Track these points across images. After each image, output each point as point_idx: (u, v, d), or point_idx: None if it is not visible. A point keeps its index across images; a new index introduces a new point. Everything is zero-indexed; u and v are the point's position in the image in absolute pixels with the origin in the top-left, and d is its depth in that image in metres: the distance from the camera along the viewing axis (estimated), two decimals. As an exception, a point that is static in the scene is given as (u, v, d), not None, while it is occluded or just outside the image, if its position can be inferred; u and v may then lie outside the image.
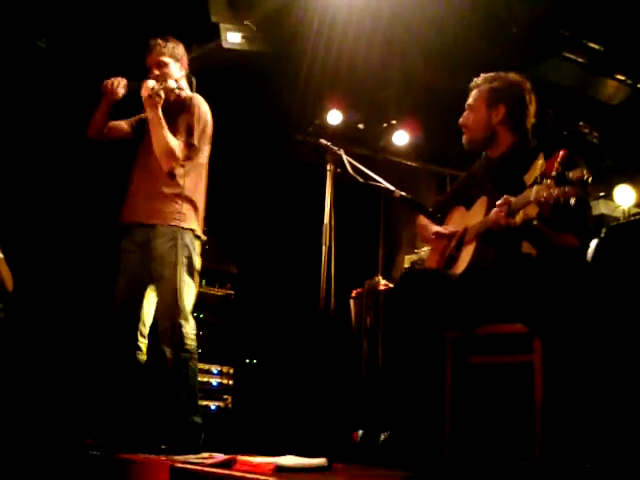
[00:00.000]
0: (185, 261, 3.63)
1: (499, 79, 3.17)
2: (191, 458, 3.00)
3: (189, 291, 3.66)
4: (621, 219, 5.38)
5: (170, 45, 3.82)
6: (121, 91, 3.71)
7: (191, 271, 3.67)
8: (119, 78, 3.73)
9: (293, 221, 6.37)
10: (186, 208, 3.68)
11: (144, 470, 2.96)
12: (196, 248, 3.72)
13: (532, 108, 3.15)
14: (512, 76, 3.18)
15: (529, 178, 2.73)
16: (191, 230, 3.70)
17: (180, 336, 3.58)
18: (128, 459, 3.15)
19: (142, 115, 3.88)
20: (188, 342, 3.61)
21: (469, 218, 3.16)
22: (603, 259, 3.24)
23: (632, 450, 2.83)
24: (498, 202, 2.78)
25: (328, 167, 3.71)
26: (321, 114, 6.20)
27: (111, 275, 3.80)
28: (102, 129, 3.81)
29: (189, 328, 3.63)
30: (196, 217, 3.74)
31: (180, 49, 3.86)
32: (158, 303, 3.70)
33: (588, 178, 2.53)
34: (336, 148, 3.72)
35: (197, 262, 3.73)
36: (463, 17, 4.86)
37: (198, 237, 3.75)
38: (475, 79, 3.24)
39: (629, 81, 5.72)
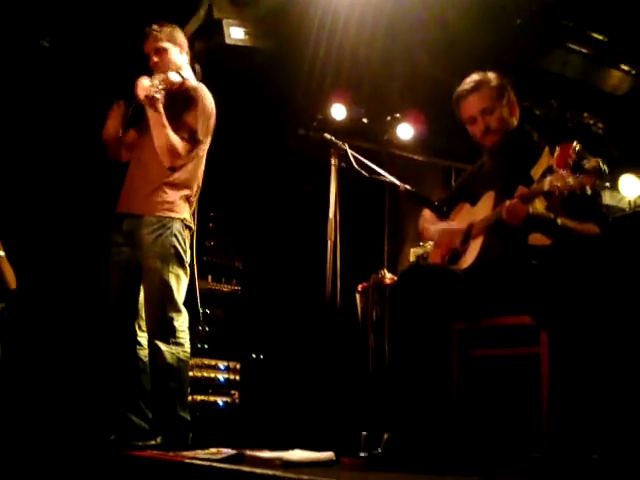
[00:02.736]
0: (172, 251, 3.49)
1: (495, 77, 3.17)
2: (200, 453, 3.00)
3: (179, 282, 3.52)
4: (627, 210, 5.37)
5: (166, 29, 3.66)
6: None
7: (181, 261, 3.53)
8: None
9: (298, 216, 6.36)
10: (176, 197, 3.55)
11: (151, 467, 2.97)
12: (186, 238, 3.58)
13: None
14: (494, 72, 3.20)
15: (536, 173, 2.75)
16: (181, 220, 3.55)
17: (172, 329, 3.46)
18: (135, 456, 3.16)
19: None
20: (180, 335, 3.49)
21: (475, 214, 3.15)
22: (608, 251, 3.23)
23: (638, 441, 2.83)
24: (517, 193, 2.78)
25: (332, 161, 3.72)
26: (324, 109, 6.18)
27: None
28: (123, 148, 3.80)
29: (180, 321, 3.51)
30: (188, 207, 3.61)
31: (178, 33, 3.70)
32: (146, 296, 3.54)
33: (604, 168, 2.53)
34: (340, 142, 3.71)
35: (187, 252, 3.59)
36: (466, 9, 4.85)
37: (189, 227, 3.60)
38: (463, 88, 3.18)
39: (633, 71, 5.70)
